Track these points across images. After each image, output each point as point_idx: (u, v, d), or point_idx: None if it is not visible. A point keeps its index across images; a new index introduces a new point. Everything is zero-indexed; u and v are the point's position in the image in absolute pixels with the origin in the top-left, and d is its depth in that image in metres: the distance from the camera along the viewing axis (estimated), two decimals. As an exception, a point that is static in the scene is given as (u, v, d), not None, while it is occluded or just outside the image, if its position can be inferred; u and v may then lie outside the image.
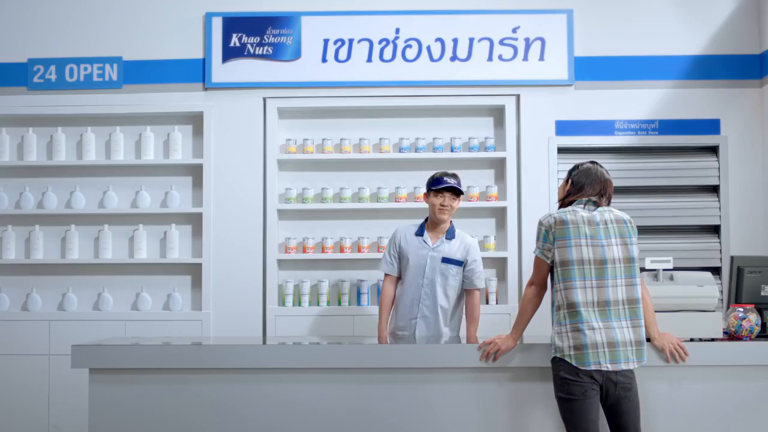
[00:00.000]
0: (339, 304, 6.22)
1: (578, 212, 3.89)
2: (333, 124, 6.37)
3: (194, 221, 6.25)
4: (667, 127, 6.18)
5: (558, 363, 3.81)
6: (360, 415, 4.09)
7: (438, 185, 4.89)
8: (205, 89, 6.20)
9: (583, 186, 3.94)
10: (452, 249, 4.98)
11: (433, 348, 4.24)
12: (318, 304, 6.20)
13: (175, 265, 6.21)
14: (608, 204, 3.97)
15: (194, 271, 6.22)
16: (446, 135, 6.31)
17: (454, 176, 4.98)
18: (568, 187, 3.99)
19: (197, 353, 4.17)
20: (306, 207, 6.25)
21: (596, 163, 4.03)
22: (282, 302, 6.20)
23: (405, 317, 4.96)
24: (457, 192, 4.92)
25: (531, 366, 4.04)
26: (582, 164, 4.02)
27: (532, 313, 3.97)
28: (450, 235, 4.98)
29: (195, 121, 6.28)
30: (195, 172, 6.28)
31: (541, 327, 4.27)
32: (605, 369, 3.73)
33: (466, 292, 5.00)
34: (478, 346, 4.03)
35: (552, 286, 3.93)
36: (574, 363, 3.74)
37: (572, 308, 3.77)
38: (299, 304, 6.19)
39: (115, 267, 6.24)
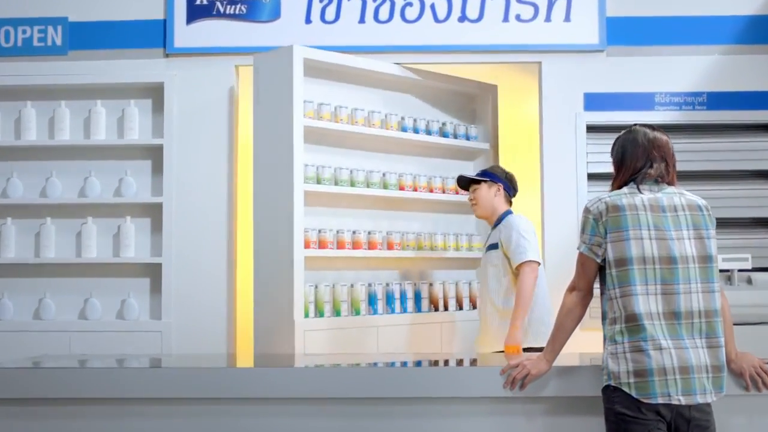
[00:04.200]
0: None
1: (638, 195, 3.21)
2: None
3: (153, 213, 5.77)
4: (717, 100, 5.75)
5: (612, 393, 3.12)
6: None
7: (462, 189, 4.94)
8: (167, 56, 5.77)
9: (623, 158, 3.28)
10: (493, 234, 4.74)
11: (444, 372, 3.62)
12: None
13: (131, 266, 5.76)
14: (671, 177, 3.28)
15: (153, 273, 5.74)
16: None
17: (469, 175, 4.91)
18: (614, 169, 3.35)
19: (151, 378, 3.52)
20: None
21: (640, 125, 3.36)
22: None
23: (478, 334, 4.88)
24: (472, 182, 4.79)
25: (573, 396, 3.42)
26: (620, 135, 3.37)
27: (573, 328, 3.32)
28: (496, 223, 4.74)
29: (154, 93, 5.81)
30: (154, 155, 5.79)
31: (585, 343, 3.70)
32: (676, 402, 3.04)
33: None
34: (502, 369, 3.39)
35: (602, 293, 3.26)
36: (634, 394, 3.06)
37: (632, 321, 3.08)
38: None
39: (59, 268, 5.78)
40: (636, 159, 3.25)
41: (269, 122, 5.11)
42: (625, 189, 3.23)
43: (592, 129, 5.68)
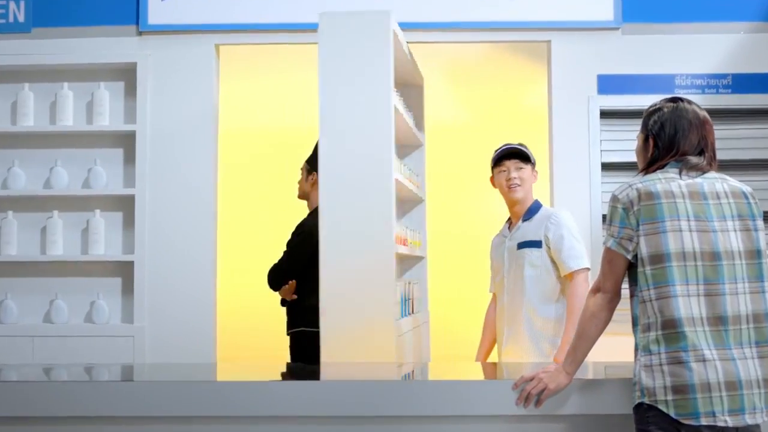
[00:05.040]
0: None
1: (674, 180, 2.83)
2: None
3: (126, 206, 5.54)
4: (744, 83, 5.46)
5: (646, 413, 2.75)
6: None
7: (497, 156, 4.32)
8: (140, 34, 5.51)
9: (674, 138, 2.90)
10: (529, 228, 4.23)
11: (446, 386, 3.21)
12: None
13: (101, 264, 5.51)
14: (715, 163, 2.93)
15: (125, 272, 5.51)
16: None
17: (520, 145, 4.35)
18: (651, 147, 2.95)
19: (122, 393, 3.15)
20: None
21: (682, 99, 3.00)
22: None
23: (500, 329, 4.36)
24: (522, 157, 4.26)
25: (597, 414, 3.07)
26: (661, 106, 2.99)
27: (598, 335, 2.93)
28: (529, 214, 4.26)
29: (127, 75, 5.57)
30: (127, 143, 5.54)
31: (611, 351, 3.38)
32: (722, 424, 2.65)
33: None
34: (515, 383, 3.02)
35: (632, 295, 2.89)
36: (672, 414, 2.67)
37: (671, 328, 2.70)
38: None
39: (22, 266, 5.55)
40: (689, 143, 2.88)
41: (349, 101, 4.46)
42: (658, 173, 2.85)
43: (606, 114, 5.39)
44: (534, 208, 4.27)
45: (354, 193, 4.36)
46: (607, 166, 5.28)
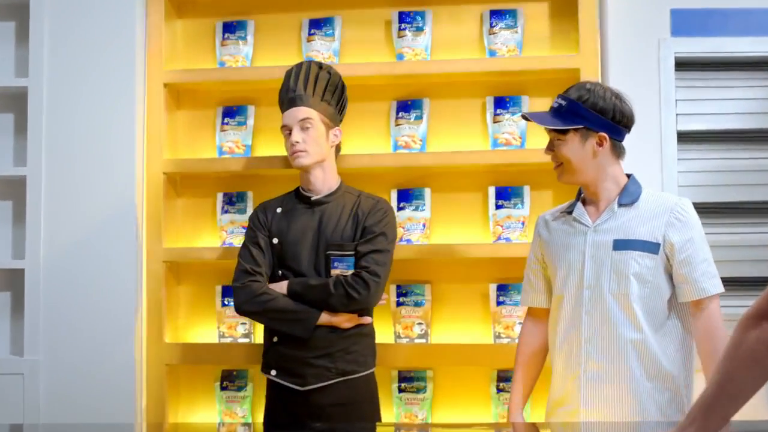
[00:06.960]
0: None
1: None
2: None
3: (15, 193, 4.76)
4: None
5: None
6: None
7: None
8: None
9: None
10: (635, 219, 3.24)
11: None
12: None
13: None
14: None
15: (15, 284, 4.73)
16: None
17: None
18: None
19: None
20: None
21: None
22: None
23: (563, 377, 3.31)
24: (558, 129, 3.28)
25: None
26: None
27: (755, 390, 2.08)
28: (628, 197, 3.25)
29: (18, 12, 4.80)
30: (17, 105, 4.77)
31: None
32: None
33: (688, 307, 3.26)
34: None
35: None
36: None
37: None
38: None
39: None
40: None
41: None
42: None
43: (683, 64, 4.43)
44: (634, 189, 3.24)
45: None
46: (684, 136, 4.28)
